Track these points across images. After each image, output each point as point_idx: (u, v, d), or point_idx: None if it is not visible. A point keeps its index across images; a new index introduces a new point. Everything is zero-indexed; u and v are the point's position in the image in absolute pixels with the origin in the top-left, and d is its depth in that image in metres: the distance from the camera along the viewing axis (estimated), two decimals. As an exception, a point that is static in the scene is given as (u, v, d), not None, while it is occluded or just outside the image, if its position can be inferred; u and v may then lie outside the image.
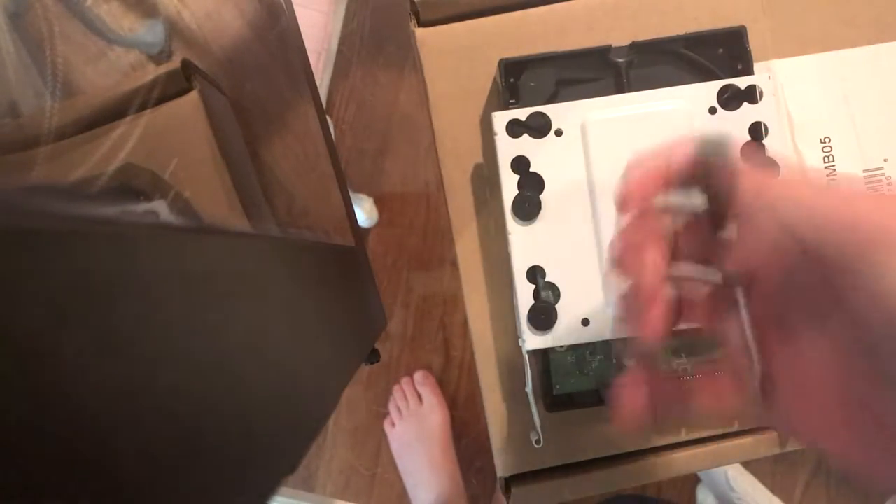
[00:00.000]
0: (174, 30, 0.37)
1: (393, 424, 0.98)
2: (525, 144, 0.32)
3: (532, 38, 0.35)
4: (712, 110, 0.32)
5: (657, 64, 0.34)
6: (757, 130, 0.32)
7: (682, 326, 0.21)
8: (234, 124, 0.41)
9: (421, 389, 0.99)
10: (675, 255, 0.20)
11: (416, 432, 0.97)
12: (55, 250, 0.10)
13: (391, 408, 1.00)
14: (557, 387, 0.34)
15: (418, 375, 1.00)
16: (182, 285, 0.15)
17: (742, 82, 0.32)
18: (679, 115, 0.32)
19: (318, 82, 0.92)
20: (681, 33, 0.33)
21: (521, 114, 0.32)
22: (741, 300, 0.18)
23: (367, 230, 1.03)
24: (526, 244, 0.32)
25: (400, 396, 0.99)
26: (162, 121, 0.34)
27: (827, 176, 0.36)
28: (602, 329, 0.32)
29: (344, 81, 1.05)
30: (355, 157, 1.05)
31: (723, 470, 0.94)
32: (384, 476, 1.02)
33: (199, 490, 0.15)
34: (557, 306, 0.32)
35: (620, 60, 0.33)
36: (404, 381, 1.00)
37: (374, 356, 0.47)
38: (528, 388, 0.33)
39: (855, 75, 0.36)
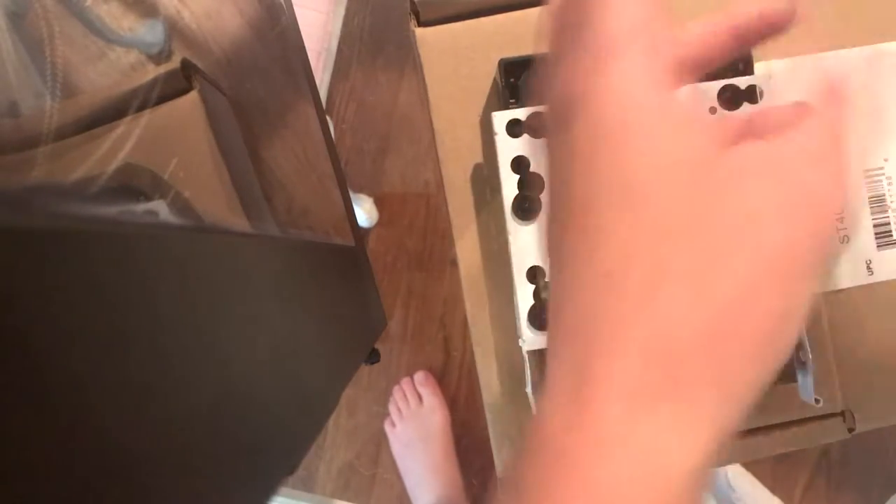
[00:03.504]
0: (174, 30, 0.37)
1: (393, 425, 0.98)
2: (525, 144, 0.32)
3: (532, 38, 0.35)
4: (712, 110, 0.32)
5: (657, 64, 0.34)
6: (757, 130, 0.32)
7: None
8: (234, 124, 0.41)
9: (421, 390, 0.99)
10: None
11: (416, 433, 0.96)
12: (55, 250, 0.10)
13: (391, 408, 1.00)
14: (557, 387, 0.34)
15: (419, 376, 1.00)
16: (181, 285, 0.15)
17: (742, 82, 0.32)
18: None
19: (318, 82, 0.92)
20: (681, 33, 0.33)
21: (521, 114, 0.32)
22: None
23: (367, 230, 1.03)
24: (526, 244, 0.32)
25: (400, 397, 0.99)
26: (162, 121, 0.34)
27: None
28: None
29: (344, 81, 1.05)
30: (355, 157, 1.05)
31: (723, 470, 0.94)
32: (384, 476, 1.02)
33: (198, 490, 0.15)
34: (557, 306, 0.32)
35: (620, 60, 0.33)
36: (404, 381, 1.00)
37: (374, 356, 0.47)
38: (528, 388, 0.33)
39: (855, 75, 0.36)
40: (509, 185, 0.32)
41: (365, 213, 1.00)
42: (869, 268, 0.36)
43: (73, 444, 0.10)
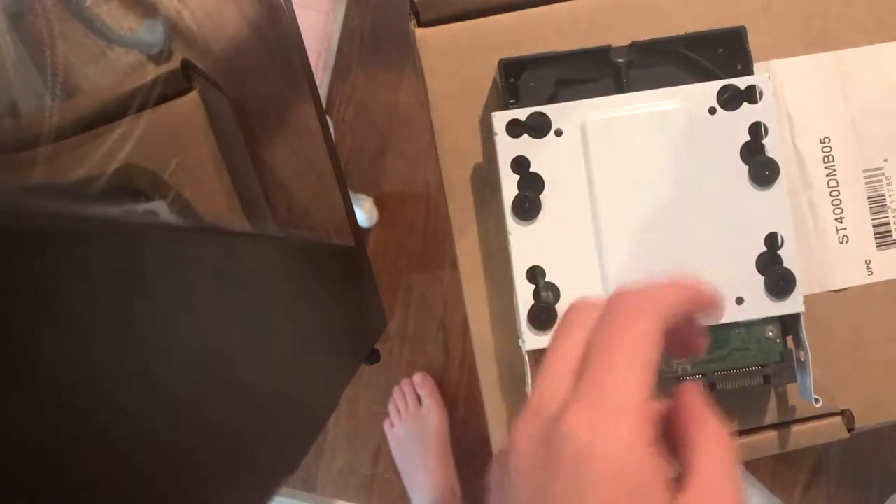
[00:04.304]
0: (174, 30, 0.37)
1: (392, 426, 0.99)
2: (525, 144, 0.32)
3: (532, 38, 0.35)
4: (712, 110, 0.32)
5: (657, 64, 0.34)
6: (757, 130, 0.32)
7: None
8: (234, 124, 0.41)
9: (420, 391, 0.99)
10: None
11: (414, 434, 0.97)
12: (56, 250, 0.10)
13: (391, 409, 1.00)
14: (557, 387, 0.34)
15: (417, 377, 1.00)
16: (181, 285, 0.15)
17: (742, 82, 0.32)
18: (679, 115, 0.32)
19: (318, 82, 0.92)
20: (681, 33, 0.33)
21: (521, 114, 0.32)
22: None
23: (367, 230, 1.03)
24: (526, 244, 0.32)
25: (399, 398, 1.00)
26: (162, 121, 0.34)
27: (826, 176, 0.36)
28: (602, 329, 0.32)
29: (344, 81, 1.05)
30: (355, 157, 1.05)
31: (723, 470, 0.94)
32: (384, 476, 1.02)
33: (198, 490, 0.15)
34: (557, 306, 0.32)
35: (620, 60, 0.33)
36: (404, 382, 1.01)
37: (374, 356, 0.47)
38: (529, 389, 0.33)
39: (855, 75, 0.36)
40: (509, 185, 0.32)
41: (365, 213, 1.00)
42: (868, 268, 0.36)
43: (72, 444, 0.10)
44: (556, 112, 0.32)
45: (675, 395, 0.21)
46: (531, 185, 0.32)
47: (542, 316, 0.32)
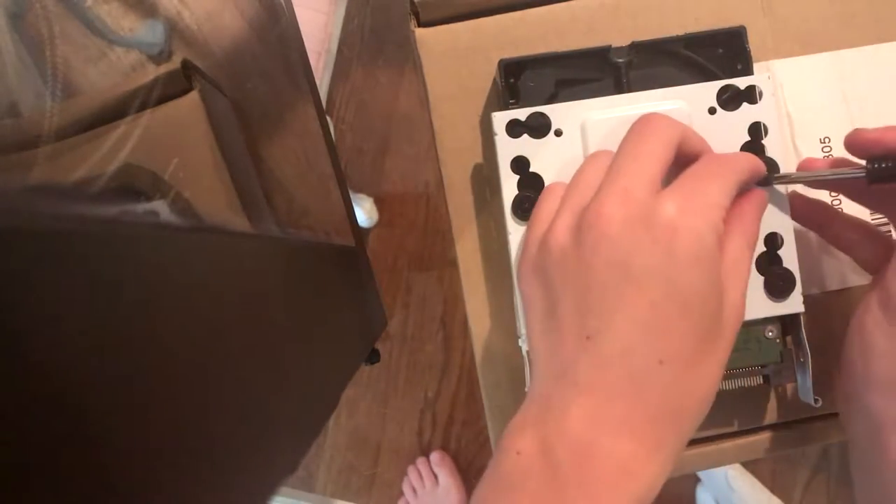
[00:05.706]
0: (174, 30, 0.37)
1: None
2: (525, 144, 0.32)
3: (532, 38, 0.35)
4: (712, 110, 0.32)
5: (657, 64, 0.34)
6: (756, 131, 0.32)
7: None
8: (235, 124, 0.41)
9: (437, 470, 0.97)
10: None
11: None
12: (56, 250, 0.10)
13: (405, 488, 0.98)
14: (557, 387, 0.34)
15: (435, 456, 0.98)
16: (181, 286, 0.15)
17: (742, 82, 0.32)
18: (679, 115, 0.32)
19: (318, 82, 0.92)
20: (681, 33, 0.33)
21: (521, 114, 0.32)
22: None
23: (367, 230, 1.03)
24: (526, 244, 0.32)
25: (415, 477, 0.97)
26: (162, 121, 0.34)
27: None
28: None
29: (344, 81, 1.05)
30: (355, 157, 1.05)
31: (723, 470, 0.94)
32: (384, 476, 1.02)
33: (198, 490, 0.15)
34: (557, 306, 0.32)
35: (620, 60, 0.33)
36: (420, 461, 0.98)
37: (374, 356, 0.47)
38: (528, 388, 0.33)
39: (855, 75, 0.36)
40: (509, 185, 0.32)
41: (365, 213, 1.00)
42: (869, 268, 0.36)
43: (72, 445, 0.10)
44: (556, 112, 0.32)
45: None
46: (531, 185, 0.32)
47: (542, 316, 0.32)
